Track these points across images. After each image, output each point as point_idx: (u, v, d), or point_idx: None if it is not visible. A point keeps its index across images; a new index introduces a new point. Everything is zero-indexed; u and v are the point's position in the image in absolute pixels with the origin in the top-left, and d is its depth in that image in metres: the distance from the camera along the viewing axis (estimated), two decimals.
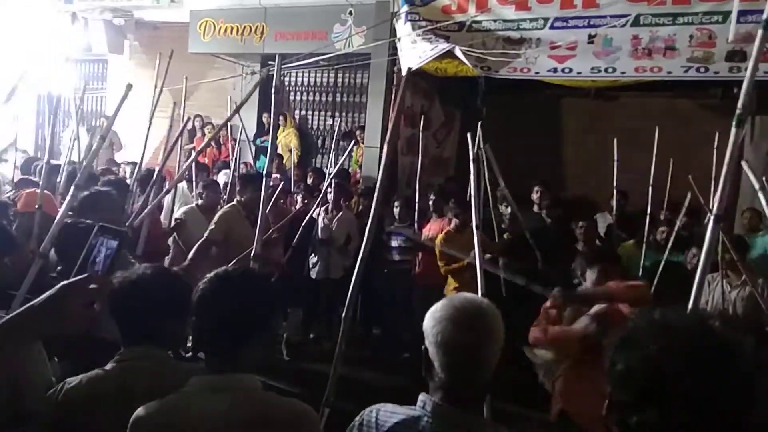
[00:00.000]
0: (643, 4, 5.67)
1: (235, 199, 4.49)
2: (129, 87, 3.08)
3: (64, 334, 1.14)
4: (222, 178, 6.33)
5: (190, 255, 4.02)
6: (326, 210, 5.61)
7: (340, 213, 5.63)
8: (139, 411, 1.47)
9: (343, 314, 2.58)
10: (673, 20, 5.62)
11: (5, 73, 7.73)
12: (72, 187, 2.62)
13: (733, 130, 2.02)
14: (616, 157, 5.09)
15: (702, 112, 7.03)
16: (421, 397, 1.46)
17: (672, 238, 4.31)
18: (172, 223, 4.75)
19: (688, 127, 6.78)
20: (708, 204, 3.60)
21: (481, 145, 4.86)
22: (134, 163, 6.25)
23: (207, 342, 1.55)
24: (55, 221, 2.43)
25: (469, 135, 3.12)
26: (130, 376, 1.63)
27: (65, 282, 1.13)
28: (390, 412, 1.49)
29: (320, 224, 5.55)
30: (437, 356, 1.42)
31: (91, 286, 1.13)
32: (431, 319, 1.45)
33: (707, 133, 5.19)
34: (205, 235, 4.13)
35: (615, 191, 5.22)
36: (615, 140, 5.16)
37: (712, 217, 1.97)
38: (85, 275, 1.15)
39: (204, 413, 1.45)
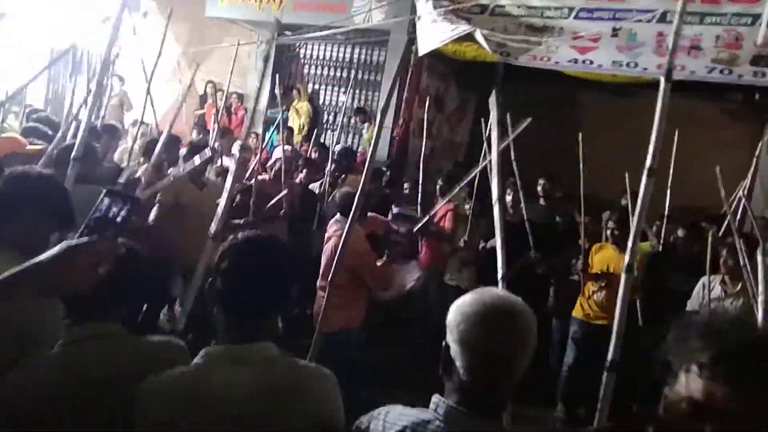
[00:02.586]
0: (671, 0, 5.54)
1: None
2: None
3: (63, 294, 1.11)
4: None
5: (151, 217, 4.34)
6: (320, 186, 5.58)
7: (335, 191, 5.59)
8: (149, 384, 1.37)
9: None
10: (700, 19, 5.48)
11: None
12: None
13: None
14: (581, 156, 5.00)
15: (722, 116, 6.90)
16: (434, 399, 1.33)
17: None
18: None
19: (708, 131, 6.66)
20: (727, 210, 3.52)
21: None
22: (144, 123, 6.20)
23: (232, 310, 1.45)
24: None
25: (493, 121, 3.01)
26: (78, 361, 1.49)
27: (70, 242, 1.09)
28: (399, 415, 1.36)
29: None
30: (460, 356, 1.28)
31: (98, 249, 1.10)
32: (458, 314, 1.30)
33: (726, 138, 5.12)
34: (158, 199, 4.39)
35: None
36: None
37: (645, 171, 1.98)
38: (92, 237, 1.11)
39: (227, 386, 1.36)
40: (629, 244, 1.93)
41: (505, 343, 1.27)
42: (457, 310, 1.32)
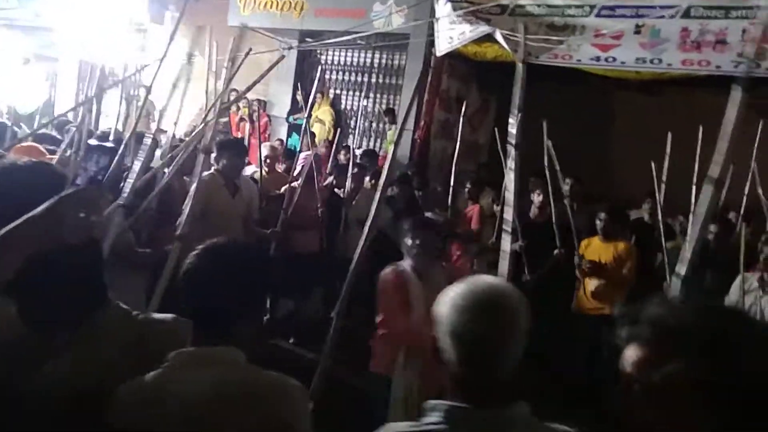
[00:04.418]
0: None
1: (212, 168, 4.20)
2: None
3: (62, 243, 1.17)
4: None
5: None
6: (344, 190, 5.60)
7: (358, 194, 5.60)
8: (120, 389, 1.40)
9: (335, 311, 2.42)
10: (725, 14, 5.38)
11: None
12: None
13: None
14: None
15: (750, 111, 6.75)
16: (431, 403, 1.28)
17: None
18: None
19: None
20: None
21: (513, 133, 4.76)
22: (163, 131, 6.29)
23: (196, 316, 1.47)
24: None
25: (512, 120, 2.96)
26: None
27: (63, 194, 1.17)
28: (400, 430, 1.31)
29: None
30: (451, 347, 1.26)
31: (85, 197, 1.18)
32: (446, 305, 1.30)
33: (755, 133, 5.02)
34: (185, 210, 3.83)
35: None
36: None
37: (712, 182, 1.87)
38: (82, 187, 1.19)
39: (189, 388, 1.38)
40: (687, 254, 1.87)
41: (493, 330, 1.25)
42: (446, 301, 1.31)
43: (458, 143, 5.82)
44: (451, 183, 5.65)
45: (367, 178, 5.91)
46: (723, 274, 4.12)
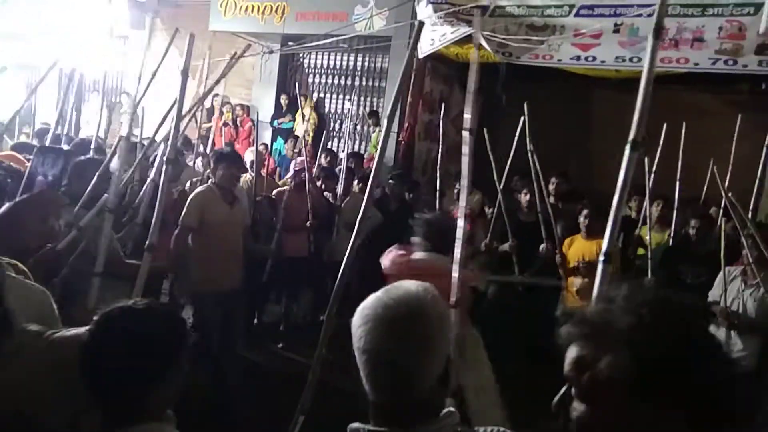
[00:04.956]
0: None
1: (209, 180, 4.20)
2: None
3: (23, 247, 1.15)
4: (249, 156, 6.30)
5: (171, 249, 3.77)
6: (334, 194, 5.59)
7: (348, 197, 5.60)
8: None
9: (326, 313, 2.37)
10: (702, 11, 5.47)
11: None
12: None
13: None
14: None
15: (728, 107, 6.86)
16: (353, 427, 1.15)
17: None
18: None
19: (714, 122, 6.63)
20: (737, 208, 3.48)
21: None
22: (150, 139, 6.24)
23: (102, 395, 1.31)
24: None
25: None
26: None
27: (20, 199, 1.16)
28: None
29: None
30: (360, 363, 1.12)
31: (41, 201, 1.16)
32: (358, 317, 1.14)
33: (733, 128, 5.09)
34: (180, 222, 3.87)
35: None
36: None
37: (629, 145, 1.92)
38: (38, 191, 1.18)
39: None
40: (608, 225, 1.89)
41: (401, 349, 1.09)
42: (359, 312, 1.15)
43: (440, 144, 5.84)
44: (437, 184, 5.64)
45: (355, 182, 5.91)
46: (704, 268, 4.16)
